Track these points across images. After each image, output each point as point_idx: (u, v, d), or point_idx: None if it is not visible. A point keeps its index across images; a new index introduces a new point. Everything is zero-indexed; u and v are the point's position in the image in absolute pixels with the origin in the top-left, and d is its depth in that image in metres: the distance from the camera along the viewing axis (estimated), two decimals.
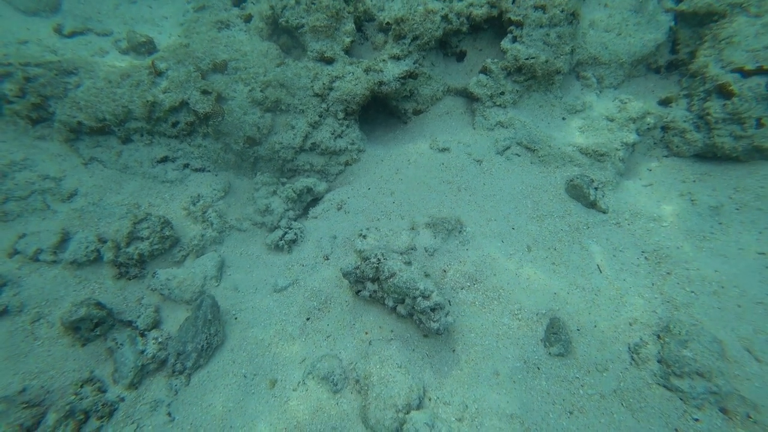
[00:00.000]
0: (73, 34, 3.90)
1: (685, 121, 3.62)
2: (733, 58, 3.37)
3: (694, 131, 3.57)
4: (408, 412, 2.21)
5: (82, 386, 2.36)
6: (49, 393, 2.35)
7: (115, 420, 2.31)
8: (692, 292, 2.74)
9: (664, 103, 3.89)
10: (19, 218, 3.02)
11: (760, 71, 3.21)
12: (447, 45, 4.12)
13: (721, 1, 3.59)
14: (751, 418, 2.15)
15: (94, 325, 2.57)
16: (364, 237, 3.05)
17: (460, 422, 2.27)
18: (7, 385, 2.33)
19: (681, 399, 2.27)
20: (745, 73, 3.27)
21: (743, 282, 2.71)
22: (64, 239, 2.97)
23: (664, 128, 3.76)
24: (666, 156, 3.78)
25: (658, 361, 2.41)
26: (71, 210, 3.16)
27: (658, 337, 2.50)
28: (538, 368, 2.48)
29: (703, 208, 3.22)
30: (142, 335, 2.64)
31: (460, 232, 3.14)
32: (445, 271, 2.95)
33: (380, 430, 2.20)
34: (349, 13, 3.75)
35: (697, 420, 2.19)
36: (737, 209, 3.16)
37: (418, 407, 2.27)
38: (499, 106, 3.82)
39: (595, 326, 2.64)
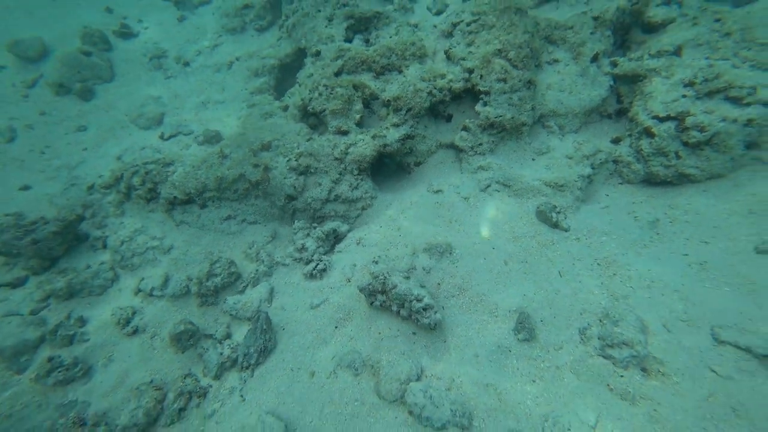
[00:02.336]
0: (170, 138, 5.46)
1: (629, 155, 4.45)
2: (653, 108, 4.24)
3: (636, 163, 4.39)
4: (408, 383, 3.06)
5: (185, 378, 3.42)
6: (165, 383, 3.42)
7: (207, 399, 3.33)
8: (630, 287, 3.45)
9: (615, 141, 4.74)
10: (140, 268, 4.31)
11: (669, 118, 4.05)
12: (437, 111, 5.26)
13: (642, 67, 4.56)
14: (660, 372, 2.82)
15: (189, 337, 3.68)
16: (376, 263, 4.04)
17: (449, 390, 3.07)
18: (141, 377, 3.44)
19: (612, 363, 2.97)
20: (660, 119, 4.13)
21: (667, 277, 3.40)
22: (166, 280, 4.20)
23: (616, 161, 4.59)
24: (621, 183, 4.57)
25: (598, 338, 3.12)
26: (170, 259, 4.43)
27: (600, 321, 3.22)
28: (509, 350, 3.26)
29: (643, 222, 3.96)
30: (220, 343, 3.70)
31: (450, 253, 4.05)
32: (439, 284, 3.84)
33: (388, 398, 3.06)
34: (358, 97, 5.03)
35: (622, 377, 2.87)
36: (670, 222, 3.88)
37: (417, 381, 3.11)
38: (480, 154, 4.83)
39: (554, 317, 3.40)
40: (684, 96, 4.18)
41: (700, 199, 3.99)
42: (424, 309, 3.32)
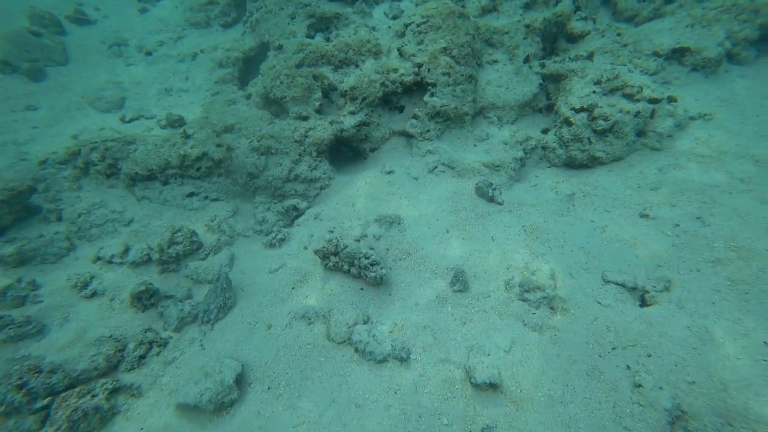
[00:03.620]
0: (131, 120, 5.61)
1: (554, 142, 5.17)
2: (571, 102, 4.99)
3: (559, 148, 5.11)
4: (355, 326, 3.46)
5: (145, 332, 3.61)
6: (125, 337, 3.60)
7: (167, 348, 3.55)
8: (548, 246, 4.06)
9: (544, 131, 5.47)
10: (98, 238, 4.43)
11: (583, 109, 4.81)
12: (390, 102, 5.79)
13: (564, 68, 5.34)
14: (563, 308, 3.41)
15: (149, 296, 3.88)
16: (331, 232, 4.44)
17: (391, 332, 3.50)
18: (99, 333, 3.60)
19: (528, 304, 3.53)
20: (577, 111, 4.88)
21: (576, 238, 4.06)
22: (127, 249, 4.36)
23: (544, 148, 5.30)
24: (548, 167, 5.28)
25: (519, 286, 3.68)
26: (130, 231, 4.59)
27: (521, 273, 3.80)
28: (446, 300, 3.74)
29: (562, 196, 4.64)
30: (180, 302, 3.93)
31: (399, 224, 4.52)
32: (387, 249, 4.29)
33: (337, 339, 3.44)
34: (317, 86, 5.47)
35: (534, 314, 3.44)
36: (583, 196, 4.58)
37: (363, 324, 3.52)
38: (428, 139, 5.39)
39: (485, 272, 3.94)
40: (594, 92, 4.97)
41: (606, 177, 4.74)
42: (371, 265, 3.75)
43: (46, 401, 2.91)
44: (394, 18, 6.92)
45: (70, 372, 3.12)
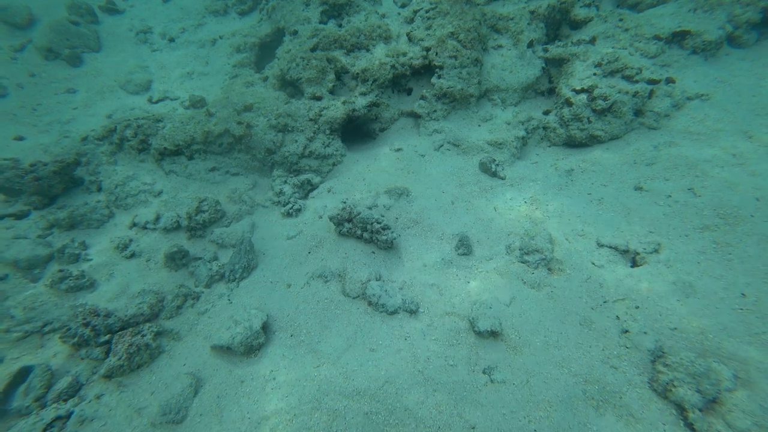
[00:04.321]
0: (157, 101, 5.98)
1: (555, 123, 5.44)
2: (572, 84, 5.25)
3: (560, 128, 5.38)
4: (368, 282, 3.81)
5: (179, 287, 4.00)
6: (163, 291, 3.99)
7: (200, 301, 3.93)
8: (547, 215, 4.37)
9: (546, 113, 5.73)
10: (133, 207, 4.82)
11: (583, 90, 5.07)
12: (399, 84, 6.09)
13: (566, 52, 5.58)
14: (560, 269, 3.72)
15: (182, 257, 4.26)
16: (344, 202, 4.77)
17: (401, 289, 3.84)
18: (140, 288, 3.99)
19: (527, 265, 3.85)
20: (577, 92, 5.14)
21: (574, 208, 4.36)
22: (158, 217, 4.75)
23: (545, 128, 5.57)
24: (549, 146, 5.56)
25: (519, 249, 4.00)
26: (160, 201, 4.97)
27: (521, 237, 4.11)
28: (451, 262, 4.08)
29: (561, 172, 4.93)
30: (209, 262, 4.31)
31: (407, 195, 4.85)
32: (396, 218, 4.63)
33: (352, 294, 3.79)
34: (331, 68, 5.78)
35: (533, 273, 3.76)
36: (582, 171, 4.87)
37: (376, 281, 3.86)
38: (434, 119, 5.69)
39: (488, 239, 4.26)
40: (594, 74, 5.22)
41: (603, 154, 5.01)
42: (383, 229, 4.09)
43: (107, 337, 3.32)
44: (404, 6, 7.18)
45: (122, 316, 3.51)
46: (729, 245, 3.54)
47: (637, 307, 3.37)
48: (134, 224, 4.62)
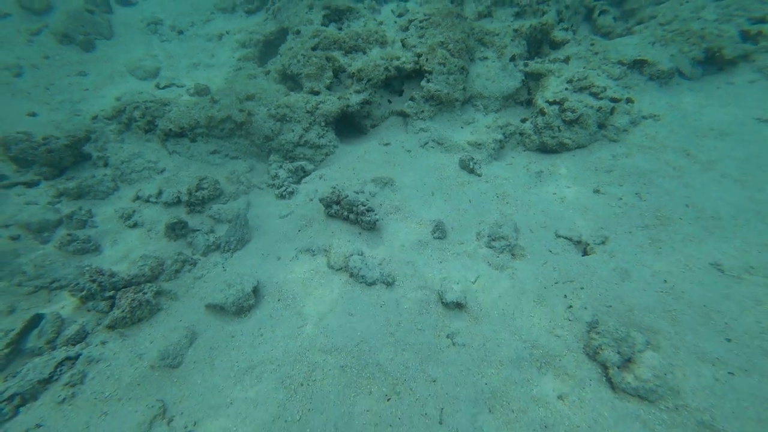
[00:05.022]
0: (165, 87, 6.37)
1: (530, 129, 6.02)
2: (547, 96, 5.84)
3: (534, 135, 5.96)
4: (351, 256, 4.26)
5: (178, 254, 4.39)
6: (162, 258, 4.37)
7: (196, 267, 4.32)
8: (515, 209, 4.90)
9: (523, 121, 6.31)
10: (137, 182, 5.19)
11: (555, 102, 5.66)
12: (391, 85, 6.60)
13: (543, 68, 6.19)
14: (522, 254, 4.24)
15: (181, 227, 4.65)
16: (334, 188, 5.23)
17: (380, 265, 4.29)
18: (142, 254, 4.36)
19: (494, 250, 4.36)
20: (550, 103, 5.73)
21: (540, 204, 4.90)
22: (160, 192, 5.12)
23: (521, 134, 6.14)
24: (524, 150, 6.13)
25: (488, 236, 4.51)
26: (162, 178, 5.35)
27: (490, 226, 4.62)
28: (427, 244, 4.56)
29: (532, 173, 5.48)
30: (206, 234, 4.70)
31: (392, 185, 5.33)
32: (381, 204, 5.10)
33: (335, 266, 4.24)
34: (329, 66, 6.27)
35: (498, 257, 4.27)
36: (550, 174, 5.43)
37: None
38: (421, 119, 6.21)
39: (461, 226, 4.76)
40: (566, 89, 5.82)
41: (570, 160, 5.59)
42: (367, 211, 4.56)
43: (111, 293, 3.69)
44: (400, 15, 7.74)
45: (125, 276, 3.89)
46: (660, 241, 4.11)
47: (582, 288, 3.89)
48: (138, 197, 4.99)
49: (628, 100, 5.64)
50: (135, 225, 4.70)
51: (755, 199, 4.27)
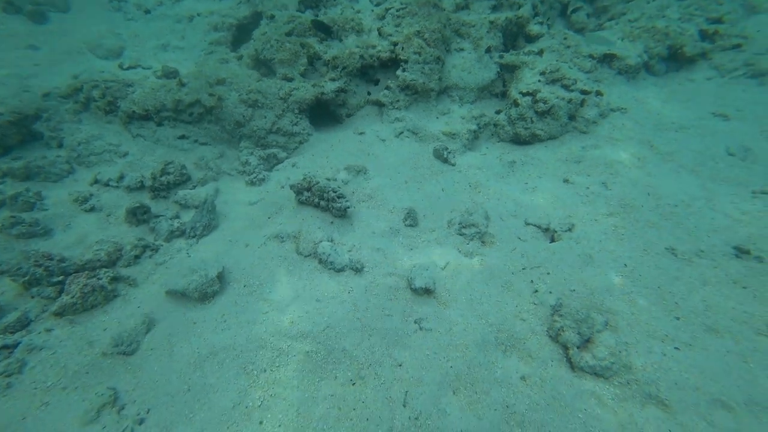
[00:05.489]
0: (129, 68, 6.09)
1: (504, 121, 6.07)
2: (520, 87, 5.90)
3: (507, 126, 6.01)
4: (320, 243, 4.19)
5: (139, 239, 4.20)
6: (121, 243, 4.17)
7: (158, 253, 4.15)
8: (486, 197, 4.93)
9: (498, 112, 6.36)
10: (96, 165, 4.94)
11: (528, 93, 5.73)
12: (367, 74, 6.53)
13: (518, 60, 6.24)
14: (492, 242, 4.27)
15: (143, 212, 4.45)
16: (305, 175, 5.13)
17: (350, 252, 4.24)
18: (98, 239, 4.16)
19: (464, 237, 4.37)
20: (523, 94, 5.79)
21: (511, 193, 4.95)
22: (122, 176, 4.90)
23: (495, 125, 6.19)
24: (498, 141, 6.18)
25: (459, 224, 4.52)
26: (125, 162, 5.12)
27: (462, 214, 4.63)
28: (398, 231, 4.53)
29: (504, 163, 5.54)
30: (170, 219, 4.53)
31: (365, 173, 5.27)
32: (353, 192, 5.04)
33: (304, 253, 4.15)
34: (303, 53, 6.14)
35: (468, 244, 4.28)
36: (522, 164, 5.49)
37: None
38: (397, 109, 6.17)
39: (433, 214, 4.75)
40: (539, 81, 5.89)
41: (542, 151, 5.67)
42: (338, 197, 4.49)
43: (60, 278, 3.48)
44: (377, 5, 7.66)
45: (77, 261, 3.69)
46: (623, 228, 4.22)
47: (548, 273, 3.95)
48: (96, 181, 4.75)
49: (598, 93, 5.76)
50: (92, 209, 4.48)
51: (707, 188, 4.44)
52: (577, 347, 3.10)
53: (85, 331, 3.44)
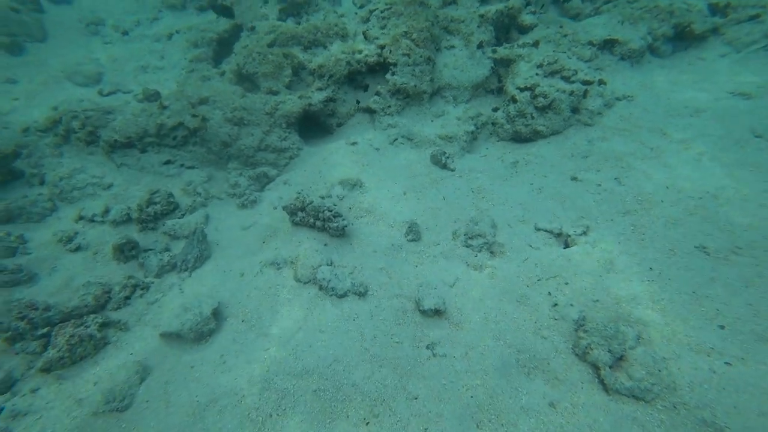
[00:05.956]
0: (109, 94, 5.84)
1: (502, 119, 5.79)
2: (517, 82, 5.62)
3: (506, 124, 5.73)
4: (319, 267, 3.93)
5: (128, 278, 3.95)
6: (110, 284, 3.92)
7: (150, 291, 3.90)
8: (491, 203, 4.66)
9: (495, 110, 6.08)
10: (80, 201, 4.70)
11: (527, 88, 5.45)
12: (355, 81, 6.25)
13: (512, 53, 5.96)
14: (502, 252, 4.00)
15: (131, 248, 4.20)
16: (299, 194, 4.87)
17: (351, 274, 3.98)
18: (85, 281, 3.91)
19: (471, 249, 4.10)
20: (521, 89, 5.51)
21: (516, 196, 4.67)
22: (107, 209, 4.65)
23: (494, 124, 5.91)
24: (497, 141, 5.90)
25: (464, 235, 4.25)
26: (110, 195, 4.87)
27: (466, 224, 4.36)
28: (401, 247, 4.26)
29: (507, 163, 5.26)
30: (160, 253, 4.27)
31: (361, 186, 5.01)
32: (350, 208, 4.77)
33: (303, 279, 3.89)
34: (287, 64, 5.87)
35: (476, 256, 4.01)
36: (525, 163, 5.22)
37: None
38: (389, 114, 5.90)
39: (436, 225, 4.49)
40: (537, 74, 5.61)
41: (545, 148, 5.39)
42: (334, 216, 4.23)
43: (45, 330, 3.24)
44: (361, 7, 7.38)
45: (63, 309, 3.44)
46: (643, 227, 3.94)
47: (566, 283, 3.68)
48: (81, 217, 4.50)
49: (601, 82, 5.47)
50: (78, 248, 4.23)
51: (734, 176, 4.15)
52: (609, 366, 2.83)
53: (73, 387, 3.19)
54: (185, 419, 3.00)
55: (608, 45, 5.87)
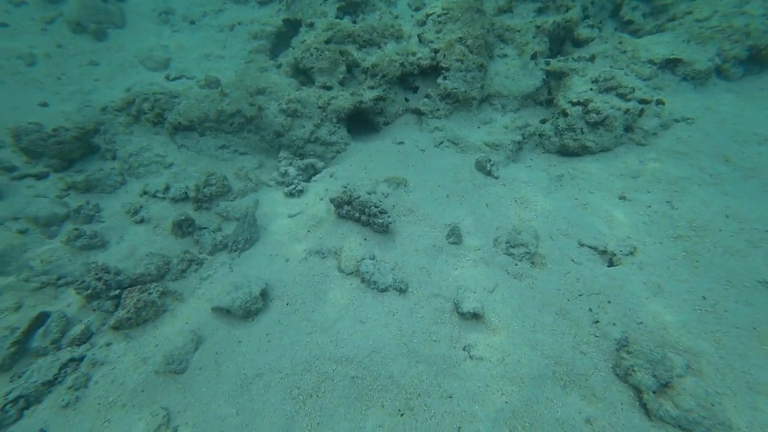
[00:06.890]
0: (174, 79, 6.22)
1: (550, 131, 5.75)
2: (569, 96, 5.57)
3: (554, 136, 5.69)
4: (363, 260, 4.07)
5: (185, 253, 4.23)
6: (169, 256, 4.21)
7: (203, 267, 4.17)
8: (534, 214, 4.66)
9: (542, 121, 6.04)
10: (145, 177, 5.05)
11: (579, 103, 5.39)
12: (406, 82, 6.37)
13: (566, 66, 5.90)
14: (543, 263, 4.01)
15: (188, 225, 4.49)
16: (345, 187, 5.04)
17: (393, 270, 4.10)
18: (147, 251, 4.22)
19: (512, 257, 4.13)
20: (573, 104, 5.46)
21: (561, 210, 4.65)
22: (168, 187, 4.97)
23: (540, 135, 5.88)
24: (543, 152, 5.87)
25: (506, 243, 4.29)
26: (170, 173, 5.20)
27: (509, 232, 4.40)
28: (441, 249, 4.35)
29: (552, 176, 5.23)
30: (213, 232, 4.54)
31: (405, 185, 5.12)
32: (393, 205, 4.89)
33: (346, 270, 4.05)
34: (342, 61, 6.05)
35: (517, 265, 4.04)
36: (571, 178, 5.17)
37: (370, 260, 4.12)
38: (437, 117, 5.98)
39: (478, 231, 4.54)
40: (591, 89, 5.54)
41: (593, 164, 5.33)
42: (380, 213, 4.36)
43: (116, 292, 3.55)
44: (417, 9, 7.48)
45: (131, 275, 3.74)
46: (697, 254, 3.85)
47: (609, 302, 3.66)
48: (145, 192, 4.84)
49: (659, 102, 5.35)
50: (142, 221, 4.56)
51: None
52: (653, 391, 2.82)
53: (139, 346, 3.47)
54: (233, 389, 3.22)
55: (670, 64, 5.72)
